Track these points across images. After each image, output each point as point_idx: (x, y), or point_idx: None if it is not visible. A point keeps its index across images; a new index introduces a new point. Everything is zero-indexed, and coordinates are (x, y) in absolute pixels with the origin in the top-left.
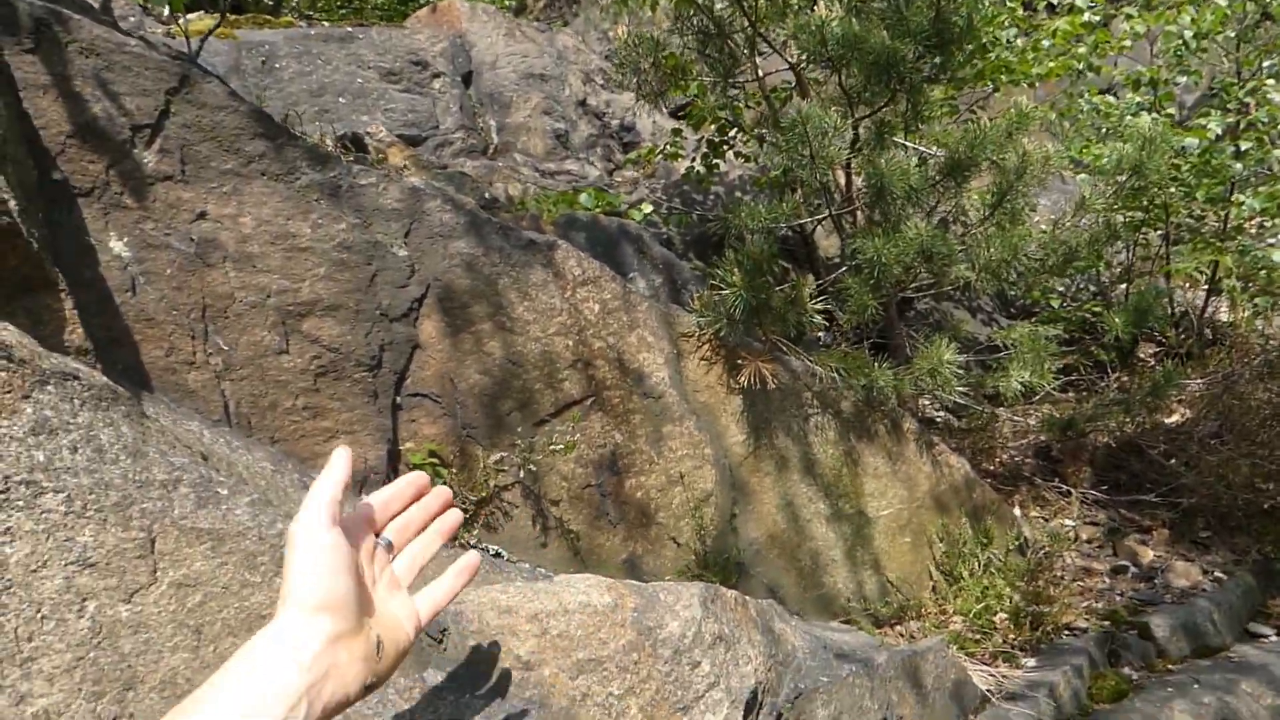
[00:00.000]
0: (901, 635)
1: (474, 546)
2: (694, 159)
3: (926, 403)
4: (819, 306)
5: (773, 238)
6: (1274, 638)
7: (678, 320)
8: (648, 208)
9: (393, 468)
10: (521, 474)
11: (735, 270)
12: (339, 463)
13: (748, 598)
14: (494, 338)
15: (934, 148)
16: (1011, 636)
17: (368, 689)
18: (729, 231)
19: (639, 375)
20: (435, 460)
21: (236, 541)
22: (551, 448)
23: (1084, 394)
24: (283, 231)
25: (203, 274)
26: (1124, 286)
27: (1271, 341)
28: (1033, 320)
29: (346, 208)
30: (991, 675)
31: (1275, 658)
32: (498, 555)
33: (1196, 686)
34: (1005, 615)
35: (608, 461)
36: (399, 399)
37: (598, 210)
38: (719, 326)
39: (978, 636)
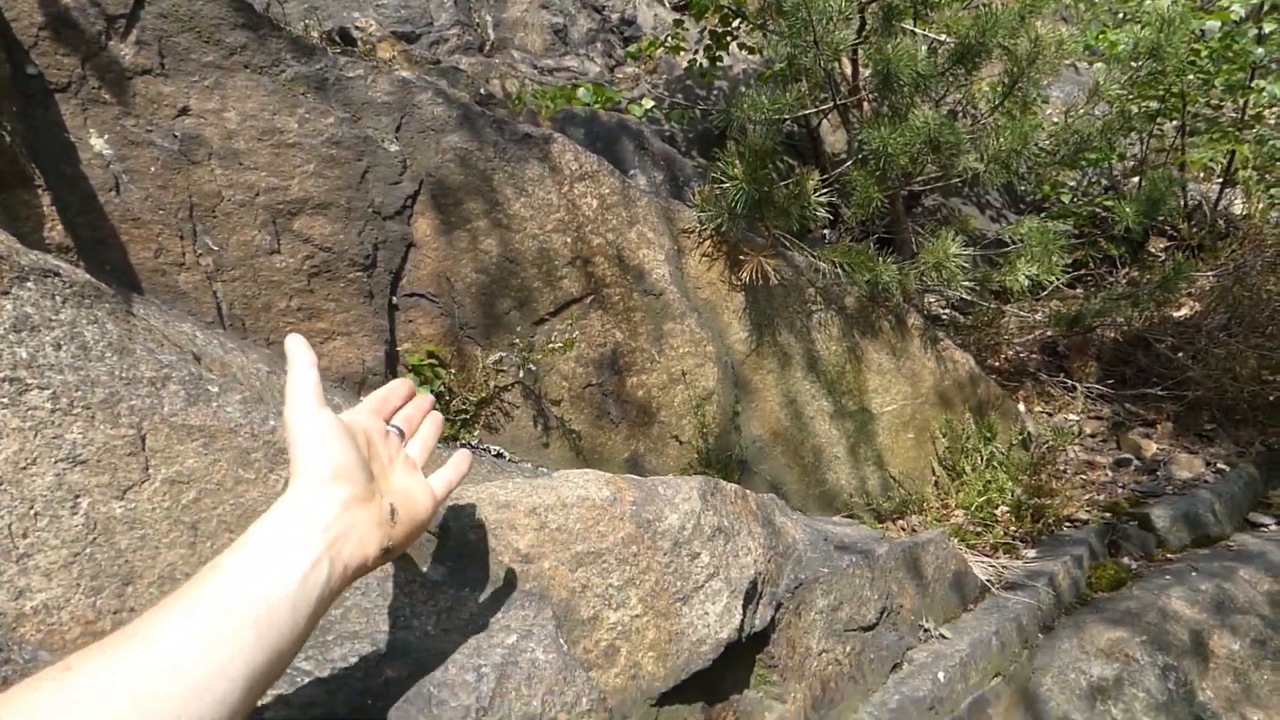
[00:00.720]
0: (903, 529)
1: (475, 447)
2: (696, 52)
3: (932, 300)
4: (823, 200)
5: (776, 129)
6: (1274, 526)
7: (678, 216)
8: (649, 103)
9: (391, 369)
10: (521, 374)
11: (737, 162)
12: (301, 349)
13: (748, 491)
14: (490, 235)
15: (943, 35)
16: (1013, 529)
17: (385, 553)
18: (731, 123)
19: (639, 272)
20: (434, 361)
21: (229, 438)
22: (551, 347)
23: (1092, 289)
24: (269, 127)
25: (188, 172)
26: (1136, 180)
27: None
28: (1042, 215)
29: (334, 101)
30: (992, 566)
31: (1274, 545)
32: (499, 456)
33: (1194, 574)
34: (1007, 508)
35: (608, 360)
36: (395, 299)
37: (597, 106)
38: (720, 221)
39: (979, 529)
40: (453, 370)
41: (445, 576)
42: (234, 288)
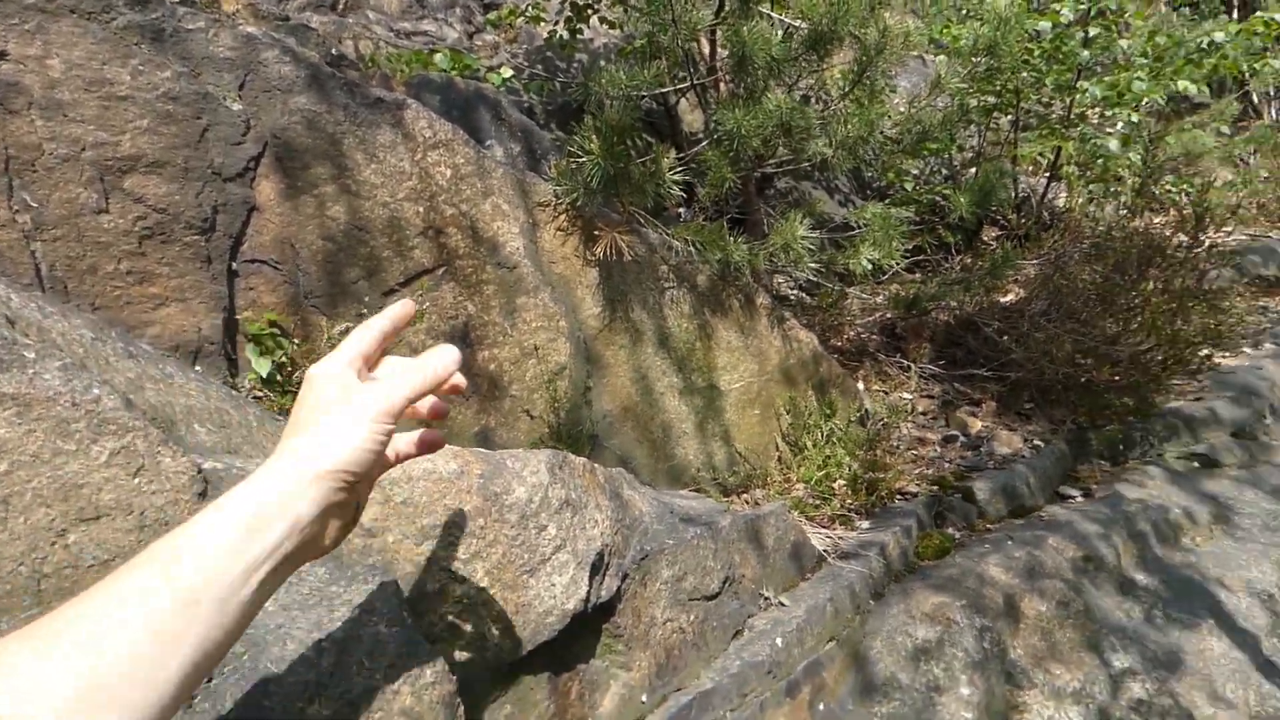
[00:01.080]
0: (747, 502)
1: None
2: (557, 23)
3: (781, 280)
4: (678, 178)
5: (634, 106)
6: (1080, 498)
7: (534, 189)
8: (508, 72)
9: (230, 338)
10: None
11: (594, 138)
12: (393, 313)
13: (596, 465)
14: (338, 201)
15: (798, 20)
16: (849, 502)
17: (324, 551)
18: (590, 98)
19: (493, 245)
20: (276, 330)
21: (46, 407)
22: None
23: (930, 274)
24: (98, 77)
25: (4, 122)
26: (974, 170)
27: (1100, 226)
28: (886, 201)
29: (171, 54)
30: (829, 537)
31: (1079, 516)
32: None
33: (1010, 543)
34: (844, 482)
35: (460, 333)
36: (235, 265)
37: (454, 73)
38: (576, 196)
39: (818, 502)
40: (296, 340)
41: None
42: (55, 248)
